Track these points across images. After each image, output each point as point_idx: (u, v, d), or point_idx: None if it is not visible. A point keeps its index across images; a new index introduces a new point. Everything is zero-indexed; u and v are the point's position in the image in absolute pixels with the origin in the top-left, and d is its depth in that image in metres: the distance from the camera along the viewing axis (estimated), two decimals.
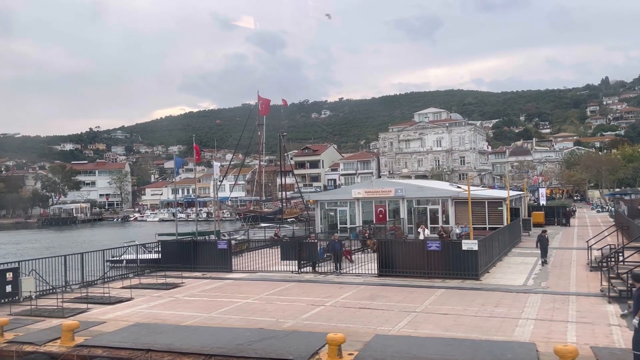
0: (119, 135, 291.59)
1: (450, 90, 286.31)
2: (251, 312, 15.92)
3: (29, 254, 51.17)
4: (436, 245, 20.45)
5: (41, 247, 60.86)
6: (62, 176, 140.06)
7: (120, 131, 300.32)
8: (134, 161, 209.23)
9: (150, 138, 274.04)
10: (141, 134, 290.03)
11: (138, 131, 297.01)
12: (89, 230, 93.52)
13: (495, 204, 34.93)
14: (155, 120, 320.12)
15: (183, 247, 25.86)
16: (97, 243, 62.51)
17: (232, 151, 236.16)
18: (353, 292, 18.43)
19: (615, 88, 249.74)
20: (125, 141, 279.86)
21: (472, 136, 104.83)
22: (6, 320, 14.23)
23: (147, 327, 14.62)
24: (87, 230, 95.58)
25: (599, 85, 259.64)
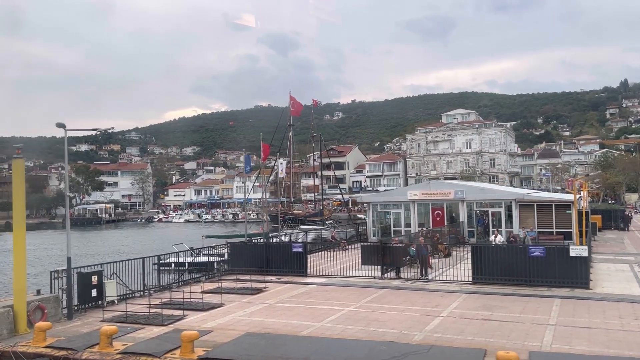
0: (133, 137, 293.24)
1: (464, 92, 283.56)
2: (365, 322, 14.78)
3: None
4: (540, 251, 19.17)
5: (80, 251, 60.33)
6: (86, 176, 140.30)
7: (134, 132, 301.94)
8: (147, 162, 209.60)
9: (164, 139, 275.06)
10: (155, 135, 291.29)
11: (152, 132, 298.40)
12: (116, 231, 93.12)
13: (562, 207, 33.44)
14: (168, 122, 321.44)
15: (255, 250, 24.82)
16: (139, 245, 62.01)
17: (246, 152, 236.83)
18: (461, 302, 17.21)
19: (634, 90, 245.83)
20: (139, 142, 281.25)
21: (503, 138, 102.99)
22: (115, 328, 13.23)
23: (263, 337, 13.54)
24: (113, 231, 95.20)
25: (617, 87, 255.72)
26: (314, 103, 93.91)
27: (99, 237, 77.71)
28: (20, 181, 14.94)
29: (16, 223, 14.95)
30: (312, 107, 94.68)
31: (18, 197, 14.88)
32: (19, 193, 14.90)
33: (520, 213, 34.16)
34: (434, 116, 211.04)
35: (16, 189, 14.89)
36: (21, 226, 14.93)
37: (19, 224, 14.91)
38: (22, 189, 14.96)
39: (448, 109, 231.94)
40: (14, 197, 14.85)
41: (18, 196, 14.88)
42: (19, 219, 14.90)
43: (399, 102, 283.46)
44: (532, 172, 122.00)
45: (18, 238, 14.85)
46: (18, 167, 14.90)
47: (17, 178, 14.89)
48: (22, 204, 14.93)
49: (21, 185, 14.97)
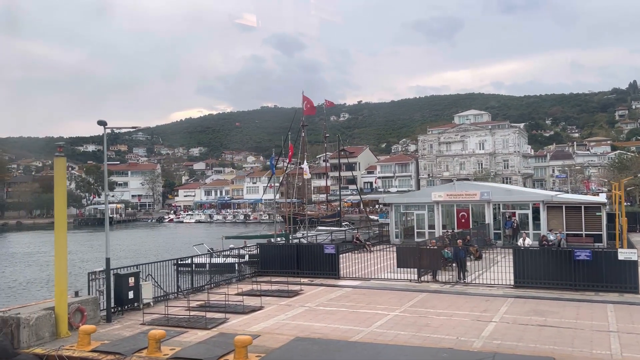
0: (140, 137, 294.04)
1: (471, 93, 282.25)
2: (416, 328, 14.30)
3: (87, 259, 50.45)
4: (586, 254, 18.61)
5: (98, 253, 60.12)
6: (97, 176, 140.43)
7: (141, 133, 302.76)
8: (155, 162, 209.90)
9: (170, 140, 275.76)
10: (161, 136, 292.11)
11: (158, 133, 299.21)
12: (128, 232, 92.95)
13: (592, 209, 32.81)
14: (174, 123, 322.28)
15: (285, 251, 24.38)
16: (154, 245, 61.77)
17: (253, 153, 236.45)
18: (508, 307, 16.68)
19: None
20: (146, 143, 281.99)
21: (516, 139, 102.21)
22: (163, 332, 12.82)
23: (314, 342, 13.09)
24: (125, 231, 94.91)
25: (626, 89, 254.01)
26: (327, 104, 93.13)
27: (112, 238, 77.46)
28: (62, 180, 14.57)
29: (58, 223, 14.58)
30: (324, 107, 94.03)
31: (59, 197, 14.51)
32: (60, 193, 14.53)
33: (548, 215, 33.57)
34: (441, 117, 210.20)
35: (58, 189, 14.52)
36: (62, 227, 14.55)
37: (61, 224, 14.54)
38: (64, 189, 14.59)
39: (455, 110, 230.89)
40: (56, 196, 14.48)
41: (59, 196, 14.51)
42: (60, 220, 14.53)
43: (405, 103, 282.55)
44: (544, 173, 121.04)
45: (59, 239, 14.47)
46: (60, 165, 14.52)
47: (58, 177, 14.51)
48: (63, 204, 14.56)
49: (63, 185, 14.60)
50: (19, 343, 13.41)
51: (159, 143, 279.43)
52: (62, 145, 14.43)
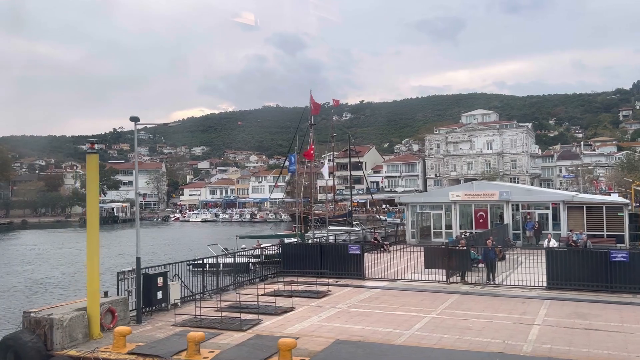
0: (142, 136, 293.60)
1: (474, 93, 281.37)
2: (458, 331, 13.89)
3: None
4: (622, 255, 18.20)
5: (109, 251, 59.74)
6: (101, 175, 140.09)
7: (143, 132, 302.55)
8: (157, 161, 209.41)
9: (172, 139, 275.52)
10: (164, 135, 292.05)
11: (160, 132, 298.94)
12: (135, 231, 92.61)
13: (614, 210, 32.36)
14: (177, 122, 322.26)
15: (308, 251, 23.99)
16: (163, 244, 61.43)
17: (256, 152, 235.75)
18: (547, 309, 16.27)
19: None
20: (148, 142, 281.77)
21: (524, 139, 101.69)
22: (202, 335, 12.43)
23: (357, 345, 12.70)
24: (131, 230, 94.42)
25: (630, 89, 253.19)
26: (335, 103, 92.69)
27: (121, 237, 77.22)
28: (94, 178, 14.20)
29: (90, 221, 14.21)
30: (332, 107, 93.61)
31: (92, 195, 14.15)
32: (92, 190, 14.16)
33: (568, 215, 33.13)
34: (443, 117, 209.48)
35: (90, 187, 14.16)
36: (95, 225, 14.18)
37: (93, 223, 14.16)
38: (96, 186, 14.23)
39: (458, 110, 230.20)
40: (88, 194, 14.12)
41: (92, 194, 14.15)
42: (92, 218, 14.16)
43: (408, 103, 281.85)
44: (552, 173, 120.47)
45: (92, 237, 14.10)
46: (92, 162, 14.14)
47: (91, 174, 14.14)
48: (96, 202, 14.20)
49: (95, 183, 14.24)
50: (52, 345, 13.05)
51: (161, 142, 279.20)
52: (94, 142, 14.04)
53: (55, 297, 29.50)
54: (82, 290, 31.43)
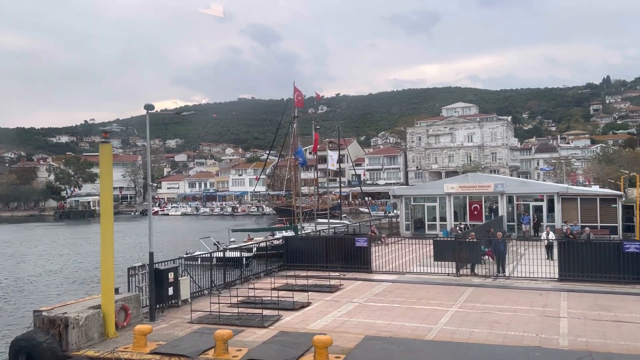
0: (114, 129, 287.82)
1: (448, 87, 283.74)
2: (487, 325, 13.63)
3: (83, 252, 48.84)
4: (635, 247, 18.21)
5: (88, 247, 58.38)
6: (77, 168, 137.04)
7: (115, 124, 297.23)
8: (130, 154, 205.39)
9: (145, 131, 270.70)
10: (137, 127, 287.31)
11: (133, 124, 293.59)
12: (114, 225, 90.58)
13: (608, 201, 32.69)
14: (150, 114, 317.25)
15: (313, 244, 23.51)
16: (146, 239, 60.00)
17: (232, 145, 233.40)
18: (567, 301, 16.16)
19: (616, 87, 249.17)
20: (121, 134, 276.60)
21: (504, 132, 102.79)
22: (230, 332, 11.88)
23: (389, 341, 12.31)
24: None
25: (600, 84, 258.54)
26: (317, 96, 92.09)
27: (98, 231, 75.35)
28: (107, 169, 13.45)
29: (104, 214, 13.48)
30: (315, 99, 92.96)
31: (105, 187, 13.41)
32: (106, 182, 13.43)
33: (562, 207, 33.36)
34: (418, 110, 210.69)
35: (103, 178, 13.41)
36: (109, 218, 13.46)
37: (107, 215, 13.44)
38: (110, 178, 13.49)
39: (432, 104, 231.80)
40: (102, 186, 13.38)
41: (105, 185, 13.41)
42: (106, 210, 13.43)
43: (383, 96, 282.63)
44: (529, 166, 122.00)
45: (106, 231, 13.39)
46: (106, 152, 13.40)
47: (104, 165, 13.39)
48: (109, 194, 13.47)
49: (109, 174, 13.49)
50: (67, 345, 12.35)
51: (134, 134, 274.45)
52: (107, 130, 13.30)
53: (53, 294, 28.49)
54: (79, 287, 30.53)
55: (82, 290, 29.15)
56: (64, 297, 27.05)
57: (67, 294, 27.78)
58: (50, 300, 25.91)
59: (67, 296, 27.22)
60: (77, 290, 29.39)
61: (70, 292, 28.42)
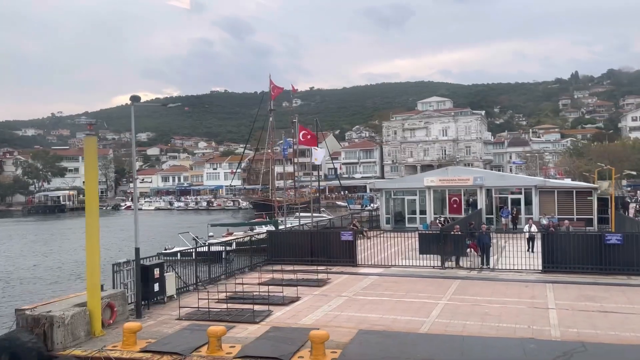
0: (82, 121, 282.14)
1: (421, 81, 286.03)
2: (478, 317, 13.70)
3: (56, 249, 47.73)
4: (617, 238, 18.57)
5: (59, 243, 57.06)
6: (45, 162, 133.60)
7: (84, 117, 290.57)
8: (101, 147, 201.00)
9: (116, 124, 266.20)
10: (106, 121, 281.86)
11: (102, 117, 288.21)
12: None
13: (584, 194, 33.36)
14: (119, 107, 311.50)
15: (298, 239, 23.34)
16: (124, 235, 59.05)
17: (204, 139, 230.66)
18: (553, 292, 16.37)
19: (584, 82, 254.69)
20: None
21: (478, 126, 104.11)
22: (223, 329, 11.64)
23: (384, 335, 12.24)
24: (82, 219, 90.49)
25: (568, 79, 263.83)
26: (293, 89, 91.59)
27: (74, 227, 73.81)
28: (92, 162, 13.00)
29: (89, 209, 13.04)
30: (291, 92, 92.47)
31: (90, 180, 12.97)
32: (91, 176, 12.98)
33: (540, 199, 33.91)
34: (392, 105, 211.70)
35: (88, 171, 12.97)
36: (94, 212, 13.03)
37: (92, 210, 13.01)
38: (95, 171, 13.05)
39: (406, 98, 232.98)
40: (86, 180, 12.95)
41: (90, 179, 12.97)
42: (91, 205, 13.00)
43: (357, 90, 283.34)
44: (502, 159, 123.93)
45: (91, 226, 12.96)
46: (90, 145, 12.95)
47: (89, 159, 12.95)
48: (95, 188, 13.04)
49: (94, 167, 13.05)
50: (52, 344, 11.93)
51: (103, 128, 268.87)
52: (93, 123, 12.86)
53: (30, 292, 27.66)
54: (55, 285, 29.69)
55: (59, 287, 28.45)
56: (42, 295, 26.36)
57: (45, 292, 27.08)
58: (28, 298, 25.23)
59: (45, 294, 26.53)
60: (54, 288, 28.66)
61: (47, 290, 27.71)
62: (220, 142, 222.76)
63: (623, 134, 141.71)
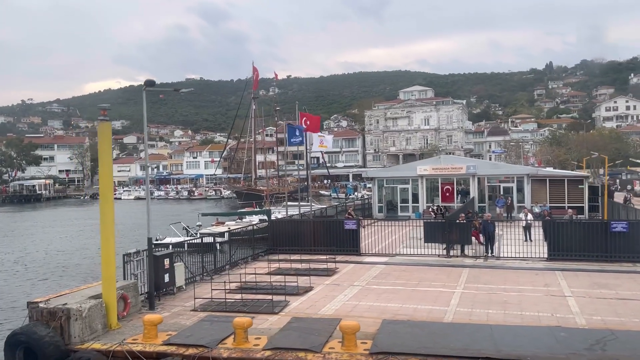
0: (55, 109, 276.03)
1: (398, 71, 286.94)
2: (500, 306, 13.65)
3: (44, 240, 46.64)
4: (622, 226, 18.74)
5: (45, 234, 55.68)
6: (19, 150, 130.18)
7: (56, 104, 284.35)
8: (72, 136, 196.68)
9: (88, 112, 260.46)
10: (79, 108, 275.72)
11: (75, 104, 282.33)
12: (66, 210, 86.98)
13: (575, 182, 33.76)
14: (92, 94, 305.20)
15: (300, 227, 23.04)
16: None
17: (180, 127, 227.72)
18: (566, 280, 16.44)
19: (558, 73, 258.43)
20: (62, 115, 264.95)
21: (460, 115, 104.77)
22: (250, 320, 11.33)
23: (410, 325, 12.09)
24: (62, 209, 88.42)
25: (543, 69, 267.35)
26: (275, 76, 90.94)
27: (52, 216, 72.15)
28: (107, 148, 12.47)
29: (103, 196, 12.54)
30: (273, 80, 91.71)
31: (105, 167, 12.45)
32: (106, 162, 12.46)
33: (532, 188, 34.20)
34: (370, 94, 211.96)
35: (103, 158, 12.44)
36: (109, 200, 12.54)
37: (107, 197, 12.51)
38: (110, 158, 12.54)
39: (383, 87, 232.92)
40: (101, 166, 12.41)
41: (105, 166, 12.45)
42: (106, 192, 12.50)
43: (334, 79, 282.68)
44: (482, 149, 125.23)
45: (106, 215, 12.47)
46: (104, 131, 12.41)
47: (103, 144, 12.41)
48: (109, 175, 12.53)
49: (108, 153, 12.52)
50: (69, 338, 11.47)
51: (76, 115, 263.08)
52: (107, 108, 12.31)
53: (28, 285, 26.84)
54: (52, 277, 28.87)
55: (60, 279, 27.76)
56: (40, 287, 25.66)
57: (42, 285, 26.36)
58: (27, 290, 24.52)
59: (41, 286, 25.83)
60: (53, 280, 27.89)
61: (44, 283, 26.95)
62: (197, 131, 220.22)
63: (597, 124, 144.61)
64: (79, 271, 29.94)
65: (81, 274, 28.90)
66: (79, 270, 30.33)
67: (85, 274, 28.60)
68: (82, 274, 28.84)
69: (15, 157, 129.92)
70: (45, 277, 28.85)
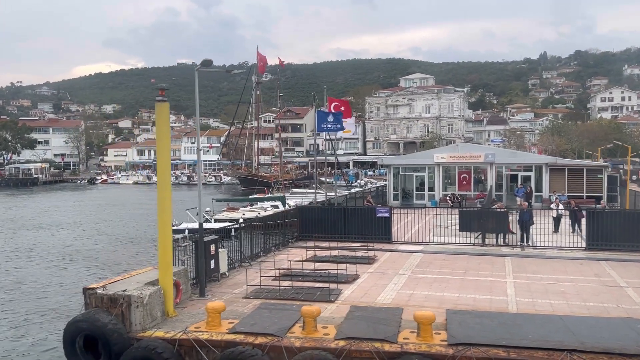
0: (44, 92, 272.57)
1: (392, 58, 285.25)
2: (561, 296, 13.40)
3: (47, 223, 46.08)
4: None
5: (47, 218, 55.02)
6: (14, 133, 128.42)
7: (46, 87, 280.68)
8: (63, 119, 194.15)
9: (79, 96, 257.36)
10: (69, 92, 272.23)
11: (65, 88, 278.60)
12: (64, 194, 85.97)
13: (594, 172, 33.63)
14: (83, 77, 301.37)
15: (330, 215, 22.69)
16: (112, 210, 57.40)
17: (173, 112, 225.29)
18: (614, 270, 16.28)
19: (552, 63, 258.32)
20: (52, 98, 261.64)
21: (461, 103, 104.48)
22: (318, 309, 10.99)
23: (477, 315, 11.80)
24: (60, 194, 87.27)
25: (537, 59, 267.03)
26: (280, 63, 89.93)
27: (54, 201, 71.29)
28: (165, 130, 11.99)
29: (161, 181, 12.09)
30: (278, 67, 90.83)
31: (163, 150, 11.99)
32: (164, 145, 11.99)
33: (551, 177, 34.06)
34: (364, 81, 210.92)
35: (161, 140, 11.96)
36: (167, 185, 12.10)
37: (165, 182, 12.07)
38: (168, 140, 12.06)
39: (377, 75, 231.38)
40: (159, 150, 11.94)
41: (163, 149, 11.98)
42: (164, 177, 12.05)
43: (328, 65, 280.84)
44: (481, 137, 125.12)
45: (164, 200, 12.03)
46: (163, 112, 11.93)
47: (162, 126, 11.92)
48: (167, 159, 12.07)
49: (167, 136, 12.05)
50: (130, 326, 11.09)
51: (66, 99, 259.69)
52: (164, 88, 11.80)
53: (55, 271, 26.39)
54: (73, 263, 28.40)
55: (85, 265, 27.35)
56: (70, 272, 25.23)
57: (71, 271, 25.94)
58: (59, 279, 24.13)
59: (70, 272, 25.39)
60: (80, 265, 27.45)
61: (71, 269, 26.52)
62: (190, 116, 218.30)
63: (592, 114, 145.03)
64: (105, 258, 29.36)
65: (107, 260, 28.39)
66: (103, 256, 29.75)
67: (109, 260, 28.19)
68: (107, 260, 28.35)
69: (10, 140, 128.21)
70: (70, 263, 28.29)
